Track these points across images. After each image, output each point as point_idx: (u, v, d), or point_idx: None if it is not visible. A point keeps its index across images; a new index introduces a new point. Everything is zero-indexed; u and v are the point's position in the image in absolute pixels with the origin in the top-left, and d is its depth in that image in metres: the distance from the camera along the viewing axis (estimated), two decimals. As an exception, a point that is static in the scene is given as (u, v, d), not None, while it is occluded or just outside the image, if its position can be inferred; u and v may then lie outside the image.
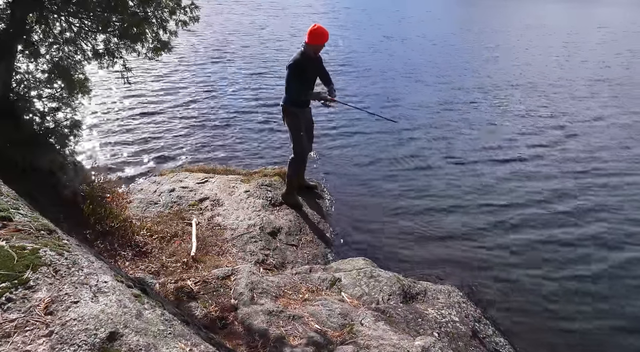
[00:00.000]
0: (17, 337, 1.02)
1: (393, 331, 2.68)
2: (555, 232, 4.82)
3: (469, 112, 8.73)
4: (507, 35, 19.25)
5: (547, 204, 5.42)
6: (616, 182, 6.14)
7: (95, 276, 1.29)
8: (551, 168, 6.44)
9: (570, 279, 4.11)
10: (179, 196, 4.65)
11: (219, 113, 7.95)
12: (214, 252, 3.81)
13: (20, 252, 1.23)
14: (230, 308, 2.70)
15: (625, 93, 10.79)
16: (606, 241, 4.74)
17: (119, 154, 6.10)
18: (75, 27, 3.62)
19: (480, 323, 3.20)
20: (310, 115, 4.67)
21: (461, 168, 6.25)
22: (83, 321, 1.09)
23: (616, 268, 4.32)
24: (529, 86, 10.97)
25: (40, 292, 1.13)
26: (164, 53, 3.84)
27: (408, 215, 5.00)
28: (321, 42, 4.18)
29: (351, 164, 6.25)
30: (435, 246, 4.48)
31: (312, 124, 4.71)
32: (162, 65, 10.47)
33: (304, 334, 2.49)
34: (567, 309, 3.75)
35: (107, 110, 7.62)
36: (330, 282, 3.27)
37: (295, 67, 4.12)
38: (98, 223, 3.61)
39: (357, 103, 8.91)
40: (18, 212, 1.50)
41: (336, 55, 13.08)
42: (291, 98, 4.35)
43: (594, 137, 7.80)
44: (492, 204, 5.32)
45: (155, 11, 3.60)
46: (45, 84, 3.73)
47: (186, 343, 1.26)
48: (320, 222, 4.63)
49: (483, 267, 4.18)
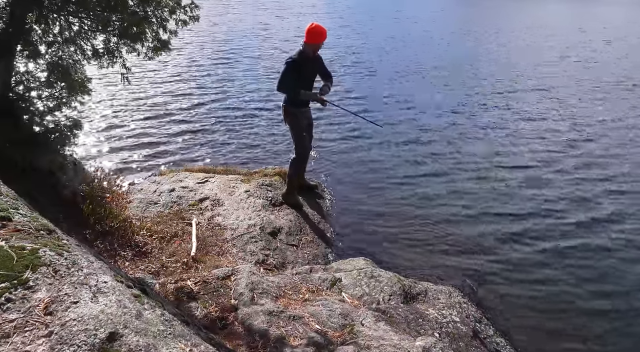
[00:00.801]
0: (16, 337, 1.01)
1: (394, 331, 2.67)
2: (558, 234, 4.80)
3: (478, 115, 8.58)
4: (510, 35, 19.23)
5: (550, 204, 5.41)
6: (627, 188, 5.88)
7: (95, 276, 1.28)
8: (553, 171, 6.44)
9: (572, 281, 4.10)
10: (179, 196, 4.64)
11: (219, 113, 7.95)
12: (214, 252, 3.81)
13: (20, 252, 1.22)
14: (231, 308, 2.70)
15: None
16: (607, 241, 4.74)
17: (119, 154, 6.09)
18: (75, 26, 3.62)
19: (481, 323, 3.19)
20: (310, 115, 4.68)
21: (464, 171, 6.22)
22: (83, 321, 1.09)
23: (618, 268, 4.32)
24: (539, 88, 10.72)
25: (39, 292, 1.13)
26: (164, 53, 3.84)
27: (409, 215, 4.99)
28: (319, 41, 4.18)
29: (352, 164, 6.24)
30: (436, 246, 4.47)
31: (312, 124, 4.72)
32: (162, 65, 10.47)
33: (304, 334, 2.48)
34: (569, 310, 3.74)
35: (107, 109, 7.62)
36: (330, 282, 3.27)
37: (292, 65, 4.12)
38: (98, 223, 3.60)
39: (357, 101, 8.96)
40: (17, 212, 1.49)
41: (339, 55, 13.06)
42: (290, 98, 4.37)
43: (610, 140, 7.52)
44: (493, 205, 5.31)
45: (155, 10, 3.59)
46: (45, 83, 3.72)
47: (186, 343, 1.25)
48: (320, 222, 4.62)
49: (484, 268, 4.17)
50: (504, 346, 3.10)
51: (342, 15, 22.81)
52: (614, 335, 3.52)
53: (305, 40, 4.15)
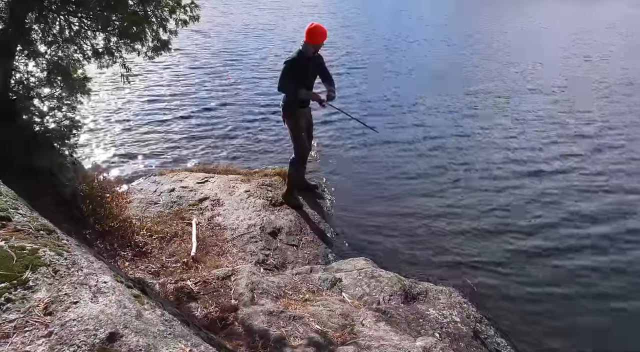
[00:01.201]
0: (16, 337, 1.01)
1: (394, 331, 2.66)
2: (560, 235, 4.79)
3: (479, 115, 8.51)
4: (512, 36, 19.21)
5: (553, 205, 5.39)
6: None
7: (95, 276, 1.28)
8: (553, 171, 6.43)
9: (574, 282, 4.09)
10: (179, 196, 4.63)
11: (219, 112, 7.94)
12: (214, 252, 3.80)
13: (20, 252, 1.22)
14: (231, 309, 2.69)
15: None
16: (608, 242, 4.74)
17: (119, 154, 6.08)
18: (75, 26, 3.60)
19: (481, 324, 3.19)
20: (310, 115, 4.66)
21: (465, 171, 6.21)
22: (82, 322, 1.08)
23: (621, 270, 4.30)
24: (551, 90, 10.52)
25: (39, 292, 1.13)
26: (164, 52, 3.82)
27: (410, 215, 4.99)
28: (319, 41, 4.14)
29: (353, 164, 6.23)
30: (436, 246, 4.46)
31: (311, 124, 4.71)
32: (163, 65, 10.46)
33: (304, 334, 2.48)
34: (570, 311, 3.74)
35: (107, 109, 7.61)
36: (331, 282, 3.26)
37: (291, 64, 4.10)
38: (98, 223, 3.60)
39: (359, 98, 8.99)
40: (17, 212, 1.49)
41: (341, 56, 13.03)
42: (289, 98, 4.34)
43: (629, 146, 7.26)
44: (495, 206, 5.30)
45: (155, 10, 3.57)
46: (44, 83, 3.71)
47: (186, 344, 1.25)
48: (321, 222, 4.62)
49: (485, 268, 4.17)
50: (504, 347, 3.10)
51: (346, 15, 22.77)
52: (617, 335, 3.51)
53: (305, 39, 4.11)
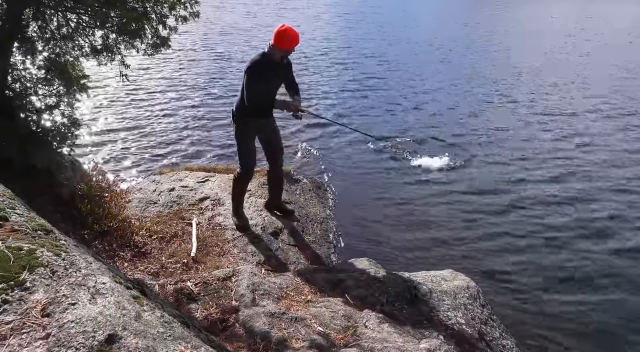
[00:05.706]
0: (13, 339, 1.00)
1: (398, 333, 2.62)
2: (565, 236, 4.77)
3: (478, 116, 8.51)
4: (513, 36, 19.23)
5: (555, 206, 5.37)
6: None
7: (94, 277, 1.26)
8: (554, 171, 6.42)
9: (580, 284, 4.07)
10: (179, 196, 4.59)
11: (220, 111, 7.91)
12: (214, 252, 3.76)
13: (17, 252, 1.20)
14: (231, 310, 2.65)
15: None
16: (617, 243, 4.71)
17: (118, 153, 6.04)
18: (73, 22, 3.57)
19: (487, 325, 3.15)
20: (273, 124, 3.90)
21: (466, 171, 6.19)
22: (81, 323, 1.07)
23: (628, 272, 4.27)
24: (558, 92, 10.49)
25: (37, 293, 1.11)
26: (164, 49, 3.79)
27: (413, 216, 4.97)
28: (290, 47, 3.47)
29: (355, 165, 6.21)
30: (441, 247, 4.44)
31: (275, 134, 3.95)
32: (164, 63, 10.45)
33: (306, 336, 2.44)
34: (577, 313, 3.71)
35: (106, 108, 7.58)
36: (333, 283, 3.22)
37: (254, 71, 3.44)
38: (96, 223, 3.56)
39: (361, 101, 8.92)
40: (14, 211, 1.47)
41: (342, 57, 13.02)
42: (248, 106, 3.57)
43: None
44: (496, 206, 5.30)
45: (154, 6, 3.54)
46: (42, 81, 3.67)
47: (186, 346, 1.23)
48: (323, 223, 4.58)
49: (490, 269, 4.15)
50: (510, 349, 3.06)
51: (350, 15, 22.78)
52: (623, 337, 3.48)
53: (273, 42, 3.43)
